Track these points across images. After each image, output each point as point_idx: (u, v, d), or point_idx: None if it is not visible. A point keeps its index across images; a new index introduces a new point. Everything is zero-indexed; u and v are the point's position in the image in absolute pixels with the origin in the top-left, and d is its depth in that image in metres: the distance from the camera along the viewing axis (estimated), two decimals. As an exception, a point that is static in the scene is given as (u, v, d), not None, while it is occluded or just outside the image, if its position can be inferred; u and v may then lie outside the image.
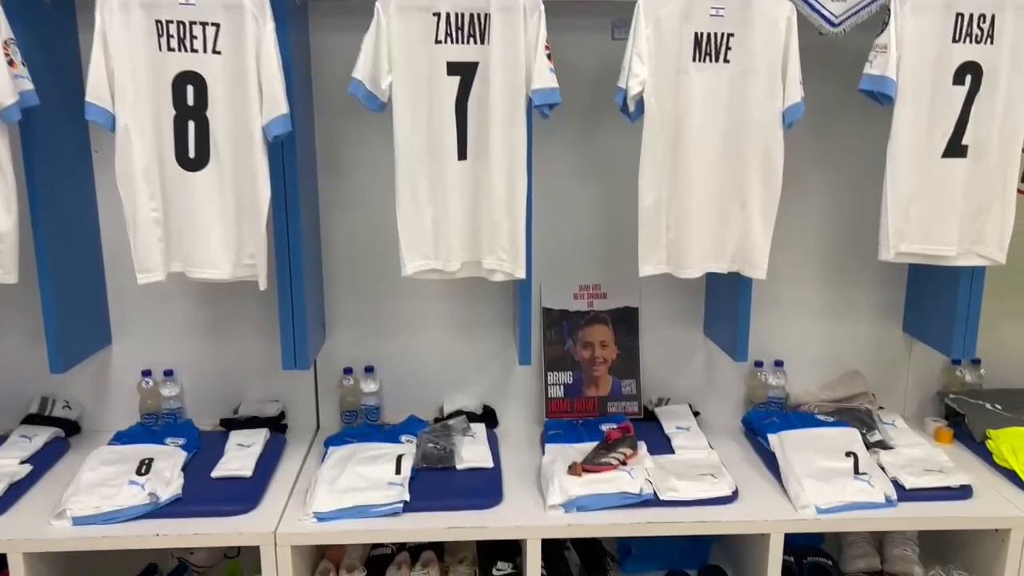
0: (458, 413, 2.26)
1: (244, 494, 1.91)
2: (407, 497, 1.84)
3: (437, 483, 1.94)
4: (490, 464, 2.02)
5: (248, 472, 1.98)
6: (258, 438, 2.14)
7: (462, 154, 1.87)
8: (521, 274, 1.93)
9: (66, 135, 2.05)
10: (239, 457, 2.05)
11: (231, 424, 2.27)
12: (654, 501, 1.86)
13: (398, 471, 1.94)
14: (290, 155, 1.93)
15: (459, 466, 2.00)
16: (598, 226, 2.29)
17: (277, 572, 1.80)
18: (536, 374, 2.35)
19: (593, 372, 2.33)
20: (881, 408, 2.37)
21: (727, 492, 1.90)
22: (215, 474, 1.97)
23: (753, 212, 1.93)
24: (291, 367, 2.04)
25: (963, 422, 2.24)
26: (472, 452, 2.06)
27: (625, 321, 2.33)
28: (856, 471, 1.95)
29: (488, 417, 2.32)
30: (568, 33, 2.01)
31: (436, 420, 2.26)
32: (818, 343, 2.41)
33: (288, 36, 1.83)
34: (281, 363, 2.04)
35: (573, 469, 1.90)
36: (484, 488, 1.93)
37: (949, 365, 2.43)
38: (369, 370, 2.32)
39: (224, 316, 2.29)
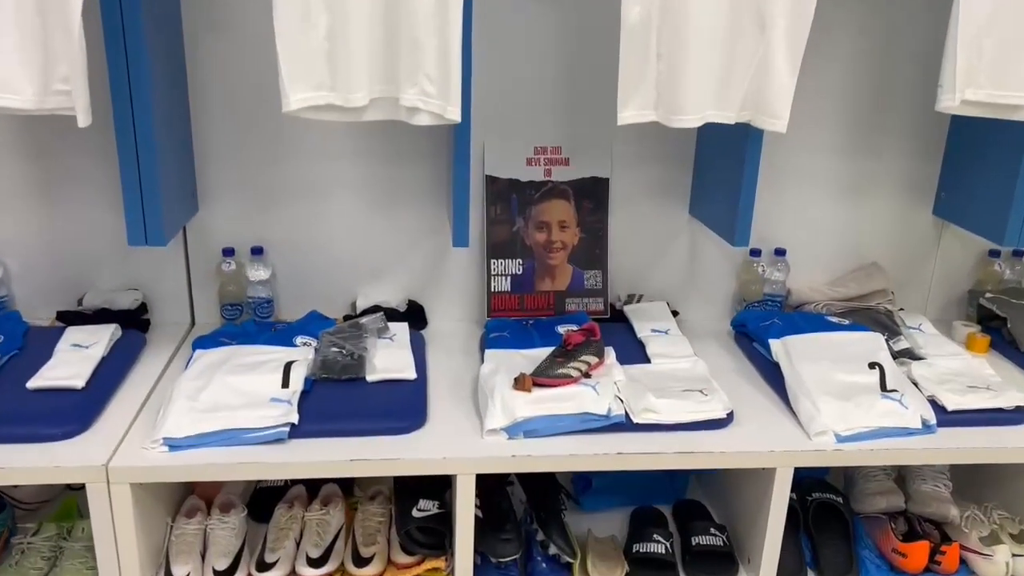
0: (375, 309, 1.90)
1: (70, 412, 1.48)
2: (295, 418, 1.47)
3: (339, 400, 1.57)
4: (412, 375, 1.66)
5: (80, 382, 1.55)
6: (102, 337, 1.69)
7: (369, -68, 1.34)
8: (455, 115, 1.45)
9: None
10: (71, 362, 1.60)
11: (73, 319, 1.81)
12: (626, 425, 1.52)
13: (285, 383, 1.56)
14: (124, -61, 1.40)
15: (370, 377, 1.63)
16: (561, 67, 1.85)
17: (112, 517, 1.39)
18: (476, 261, 1.99)
19: (549, 260, 1.97)
20: (901, 309, 1.98)
21: (721, 414, 1.55)
22: (32, 384, 1.54)
23: (776, 35, 1.45)
24: (140, 242, 1.57)
25: (1003, 327, 1.91)
26: (389, 359, 1.69)
27: (592, 196, 1.95)
28: (883, 387, 1.61)
29: (414, 315, 1.97)
30: None
31: (346, 318, 1.88)
32: (829, 228, 2.04)
33: None
34: (127, 237, 1.56)
35: (521, 383, 1.56)
36: (402, 406, 1.57)
37: (985, 258, 2.07)
38: (257, 252, 1.89)
39: (60, 175, 1.81)
